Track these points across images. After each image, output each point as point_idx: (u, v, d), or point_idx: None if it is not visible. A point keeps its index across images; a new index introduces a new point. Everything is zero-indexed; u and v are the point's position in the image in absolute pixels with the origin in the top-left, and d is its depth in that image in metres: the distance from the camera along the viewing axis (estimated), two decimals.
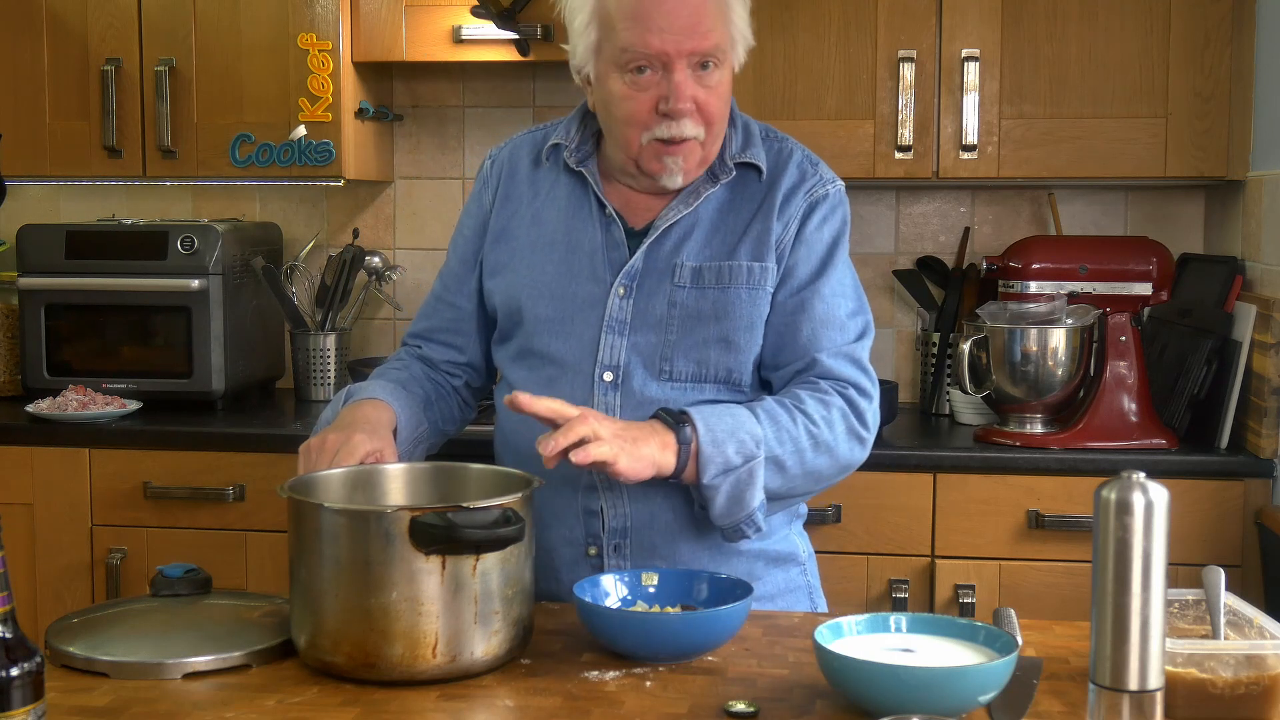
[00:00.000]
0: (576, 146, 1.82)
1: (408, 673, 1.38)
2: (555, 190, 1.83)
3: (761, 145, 1.81)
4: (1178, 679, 1.29)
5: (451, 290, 1.91)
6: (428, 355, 1.93)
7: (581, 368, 1.75)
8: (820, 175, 1.81)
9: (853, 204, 3.22)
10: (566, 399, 1.70)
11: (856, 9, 2.84)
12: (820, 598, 1.92)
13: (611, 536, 1.75)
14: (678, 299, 1.74)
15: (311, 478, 1.56)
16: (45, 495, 2.82)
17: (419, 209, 3.37)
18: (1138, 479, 1.16)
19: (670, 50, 1.66)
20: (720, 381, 1.75)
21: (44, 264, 3.04)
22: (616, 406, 1.73)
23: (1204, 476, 2.57)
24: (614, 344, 1.74)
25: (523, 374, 1.80)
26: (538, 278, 1.79)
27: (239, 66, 3.03)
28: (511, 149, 1.90)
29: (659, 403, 1.72)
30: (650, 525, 1.74)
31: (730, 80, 1.75)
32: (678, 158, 1.71)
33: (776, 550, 1.83)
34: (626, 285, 1.75)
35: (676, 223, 1.76)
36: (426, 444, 1.85)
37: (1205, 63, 2.77)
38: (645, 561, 1.74)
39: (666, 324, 1.74)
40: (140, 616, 1.56)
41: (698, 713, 1.32)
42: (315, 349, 3.17)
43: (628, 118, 1.71)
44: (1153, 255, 2.73)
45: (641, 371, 1.74)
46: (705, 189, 1.77)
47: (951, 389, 2.98)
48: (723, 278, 1.74)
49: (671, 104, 1.67)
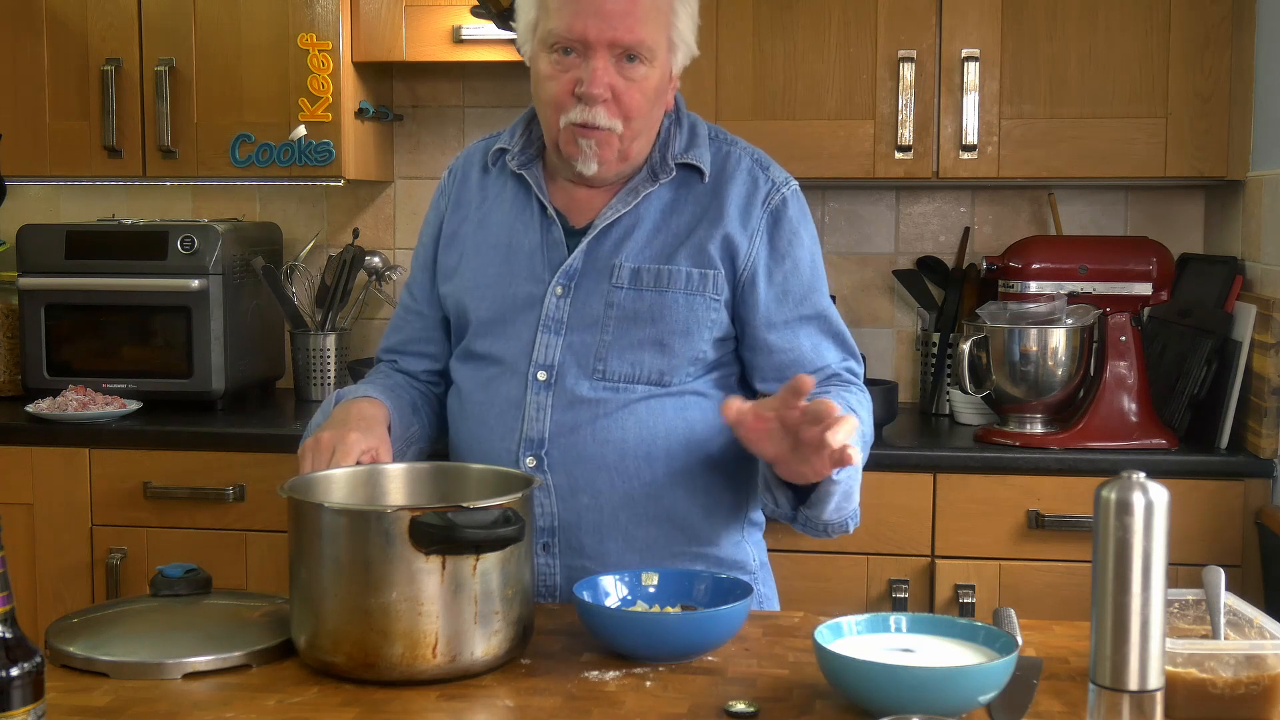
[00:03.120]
0: (521, 149, 1.83)
1: (408, 673, 1.38)
2: (502, 194, 1.84)
3: (708, 146, 1.80)
4: (1178, 679, 1.29)
5: (419, 300, 1.92)
6: (404, 368, 1.94)
7: (518, 367, 1.75)
8: (773, 180, 1.80)
9: (852, 204, 3.26)
10: (504, 398, 1.75)
11: (856, 9, 2.85)
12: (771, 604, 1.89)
13: (539, 535, 1.74)
14: (614, 299, 1.74)
15: (311, 478, 1.56)
16: (45, 495, 2.82)
17: (419, 209, 3.37)
18: (1138, 479, 1.16)
19: (591, 36, 1.68)
20: (652, 383, 1.74)
21: (44, 264, 3.04)
22: (549, 405, 1.73)
23: (1204, 476, 2.57)
24: (549, 343, 1.74)
25: (467, 374, 1.82)
26: (480, 279, 1.80)
27: (239, 66, 3.03)
28: (465, 157, 1.92)
29: (589, 403, 1.72)
30: (577, 525, 1.74)
31: (660, 80, 1.74)
32: (591, 141, 1.71)
33: (719, 557, 1.80)
34: (564, 284, 1.75)
35: (616, 222, 1.76)
36: (418, 445, 1.86)
37: (1205, 63, 2.77)
38: (573, 561, 1.74)
39: (602, 324, 1.74)
40: (140, 616, 1.56)
41: (698, 713, 1.32)
42: (315, 349, 3.17)
43: (549, 98, 1.72)
44: (1153, 255, 2.72)
45: (575, 370, 1.74)
46: (645, 188, 1.77)
47: (951, 389, 2.98)
48: (661, 281, 1.74)
49: (585, 87, 1.68)
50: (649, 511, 1.75)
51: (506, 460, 1.73)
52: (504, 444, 1.75)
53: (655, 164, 1.78)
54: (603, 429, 1.72)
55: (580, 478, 1.73)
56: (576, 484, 1.73)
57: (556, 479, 1.73)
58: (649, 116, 1.74)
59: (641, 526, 1.74)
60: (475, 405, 1.79)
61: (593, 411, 1.73)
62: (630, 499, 1.74)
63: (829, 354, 1.79)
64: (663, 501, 1.75)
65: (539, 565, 1.75)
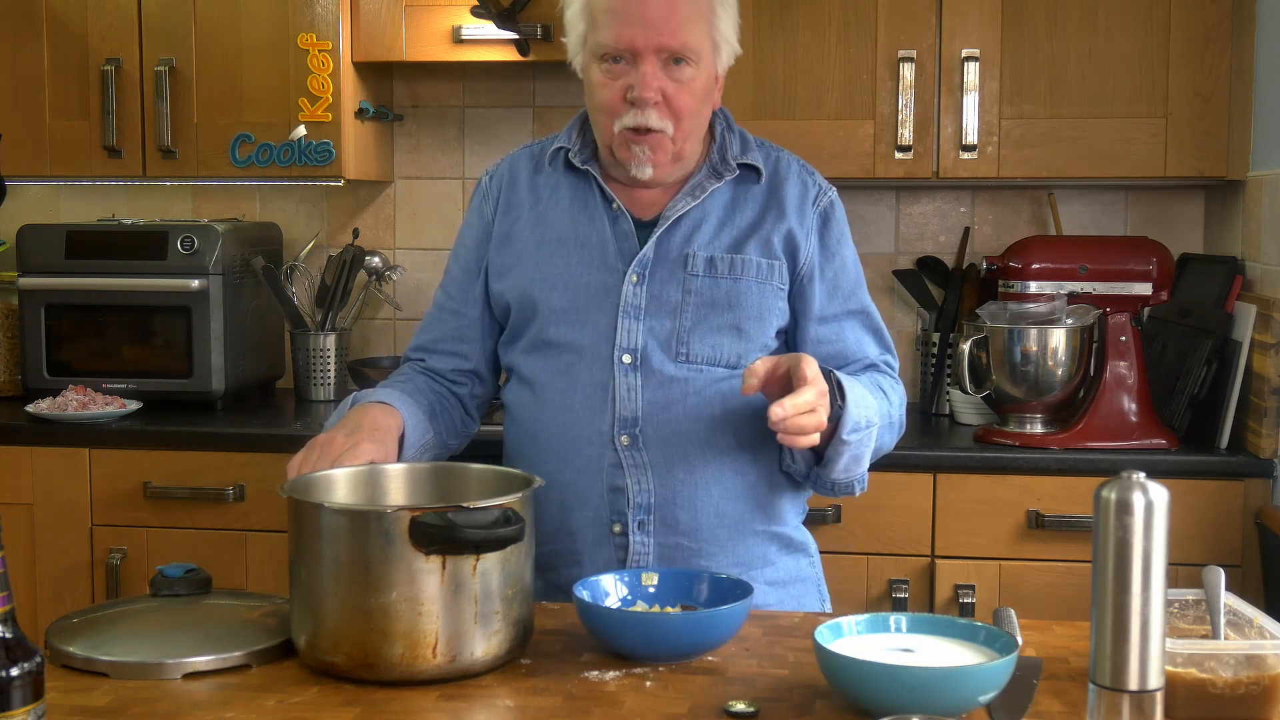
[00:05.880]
0: (579, 149, 1.88)
1: (408, 673, 1.38)
2: (558, 192, 1.89)
3: (758, 151, 1.89)
4: (1178, 679, 1.29)
5: (455, 299, 1.95)
6: (432, 366, 1.96)
7: (600, 352, 1.80)
8: (819, 185, 1.91)
9: (852, 204, 3.25)
10: (585, 383, 1.80)
11: (856, 9, 2.85)
12: (826, 594, 1.96)
13: (636, 513, 1.78)
14: (692, 286, 1.81)
15: (312, 478, 1.56)
16: (45, 495, 2.82)
17: (419, 209, 3.37)
18: (1138, 479, 1.16)
19: (639, 44, 1.75)
20: (729, 366, 1.81)
21: (44, 264, 3.04)
22: (638, 386, 1.78)
23: (1204, 476, 2.57)
24: (631, 328, 1.80)
25: (538, 364, 1.85)
26: (548, 270, 1.84)
27: (239, 66, 3.03)
28: (510, 162, 1.97)
29: (679, 381, 1.79)
30: (674, 501, 1.79)
31: (708, 80, 1.81)
32: (644, 147, 1.78)
33: (790, 537, 1.90)
34: (639, 273, 1.81)
35: (685, 215, 1.84)
36: (432, 453, 1.87)
37: (1205, 63, 2.77)
38: (668, 538, 1.79)
39: (681, 310, 1.80)
40: (140, 616, 1.56)
41: (698, 713, 1.32)
42: (315, 349, 3.17)
43: (601, 105, 1.79)
44: (1153, 255, 2.73)
45: (659, 354, 1.79)
46: (710, 184, 1.85)
47: (951, 389, 2.98)
48: (735, 269, 1.82)
49: (637, 92, 1.76)
50: (736, 487, 1.81)
51: (599, 442, 1.78)
52: (595, 426, 1.79)
53: (716, 163, 1.87)
54: (694, 406, 1.79)
55: (676, 452, 1.79)
56: (673, 459, 1.78)
57: (652, 455, 1.78)
58: (699, 116, 1.82)
59: (730, 501, 1.81)
60: (555, 392, 1.83)
61: (683, 389, 1.79)
62: (721, 474, 1.80)
63: (870, 348, 1.90)
64: (747, 477, 1.82)
65: (635, 544, 1.78)
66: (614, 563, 1.79)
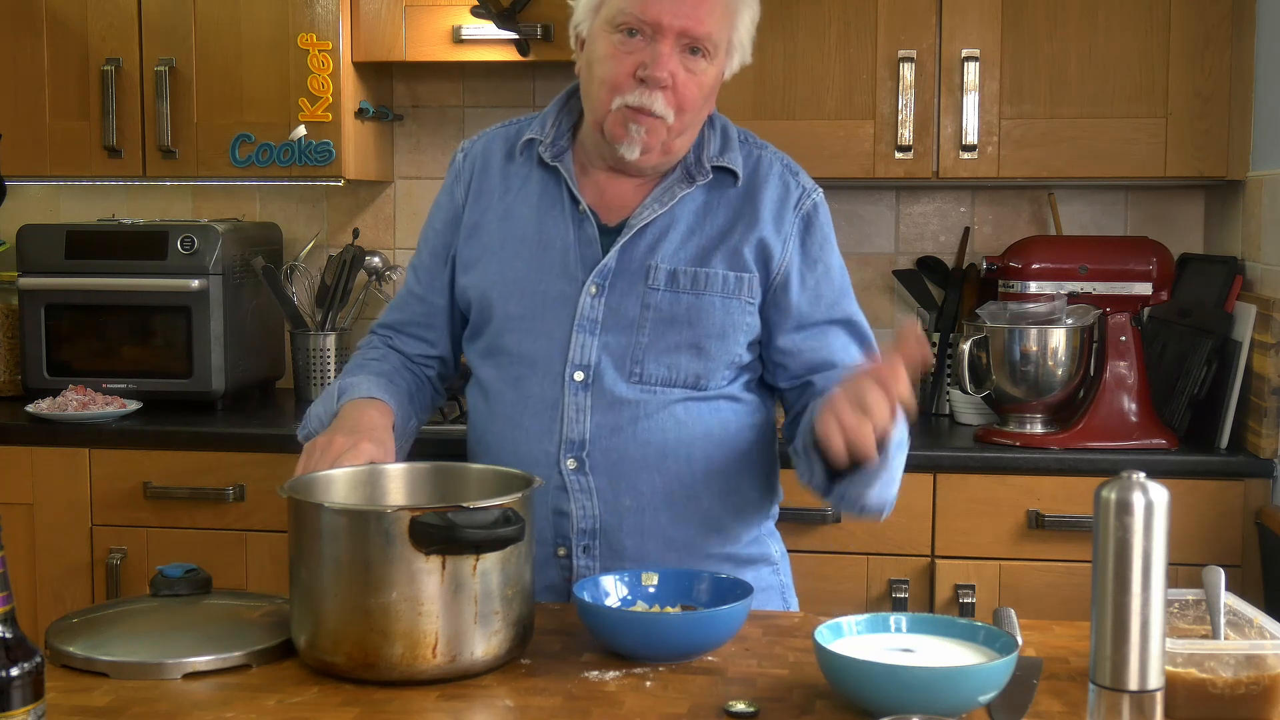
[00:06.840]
0: (552, 141, 1.80)
1: (408, 673, 1.38)
2: (528, 185, 1.82)
3: (739, 150, 1.80)
4: (1178, 679, 1.29)
5: (423, 284, 1.90)
6: (399, 347, 1.92)
7: (551, 366, 1.74)
8: (803, 186, 1.81)
9: (852, 204, 3.26)
10: (535, 398, 1.74)
11: (856, 9, 2.85)
12: (793, 596, 1.91)
13: (580, 538, 1.74)
14: (651, 301, 1.73)
15: (311, 478, 1.56)
16: (45, 495, 2.82)
17: (419, 209, 3.37)
18: (1138, 479, 1.16)
19: (665, 21, 1.67)
20: (689, 386, 1.74)
21: (44, 264, 3.04)
22: (588, 406, 1.73)
23: (1204, 476, 2.57)
24: (585, 343, 1.73)
25: (492, 372, 1.80)
26: (508, 274, 1.78)
27: (239, 66, 3.03)
28: (485, 142, 1.88)
29: (630, 403, 1.72)
30: (619, 528, 1.74)
31: (715, 78, 1.75)
32: (641, 127, 1.69)
33: (746, 554, 1.83)
34: (599, 284, 1.74)
35: (651, 223, 1.75)
36: (411, 438, 1.85)
37: (1205, 63, 2.77)
38: (613, 564, 1.74)
39: (638, 326, 1.73)
40: (140, 616, 1.56)
41: (698, 713, 1.32)
42: (315, 349, 3.17)
43: (605, 78, 1.70)
44: (1153, 255, 2.72)
45: (612, 372, 1.73)
46: (680, 189, 1.76)
47: (951, 389, 2.98)
48: (698, 284, 1.74)
49: (650, 70, 1.67)
50: (687, 512, 1.76)
51: (545, 462, 1.72)
52: (542, 446, 1.73)
53: (690, 166, 1.77)
54: (644, 430, 1.73)
55: (622, 479, 1.73)
56: (619, 485, 1.72)
57: (598, 480, 1.73)
58: (699, 113, 1.74)
59: (680, 527, 1.75)
60: (506, 405, 1.78)
61: (633, 413, 1.72)
62: (671, 500, 1.74)
63: (856, 357, 1.79)
64: (700, 503, 1.76)
65: (579, 568, 1.74)
66: (559, 583, 1.75)
